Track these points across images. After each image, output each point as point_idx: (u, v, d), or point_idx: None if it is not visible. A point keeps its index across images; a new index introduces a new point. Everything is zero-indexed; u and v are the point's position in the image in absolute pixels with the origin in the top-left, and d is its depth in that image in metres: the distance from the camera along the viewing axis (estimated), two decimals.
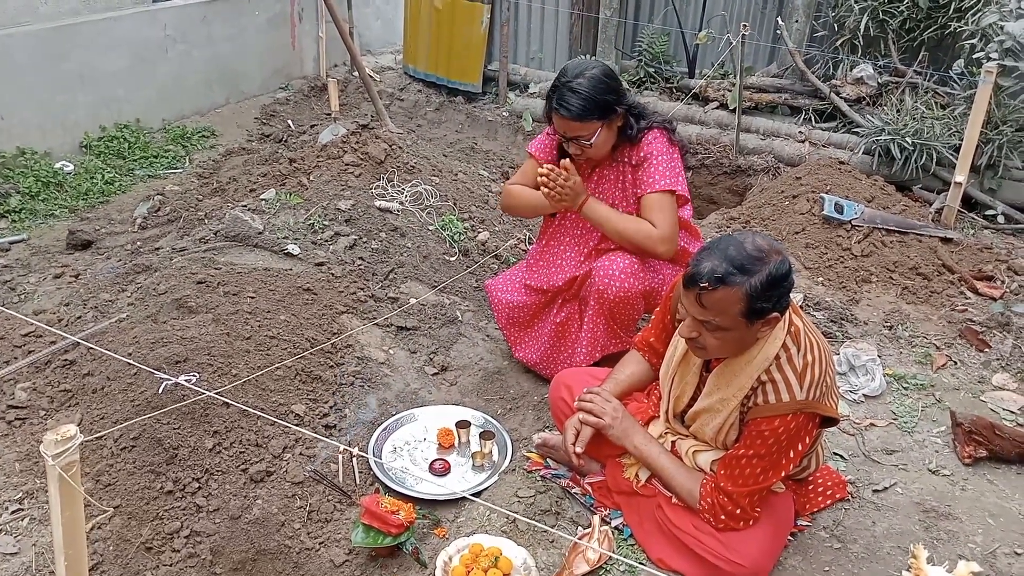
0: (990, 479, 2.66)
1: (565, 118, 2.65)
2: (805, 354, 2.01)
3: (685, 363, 2.19)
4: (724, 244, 1.91)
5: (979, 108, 4.13)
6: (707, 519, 2.13)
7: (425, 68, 7.04)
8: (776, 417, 1.98)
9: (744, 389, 2.03)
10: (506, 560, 2.21)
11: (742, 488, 2.06)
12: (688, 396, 2.21)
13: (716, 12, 5.92)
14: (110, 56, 5.55)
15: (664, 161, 2.75)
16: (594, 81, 2.64)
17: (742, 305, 1.87)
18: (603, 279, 2.75)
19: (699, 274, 1.88)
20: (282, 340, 2.92)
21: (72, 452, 1.40)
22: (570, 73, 2.68)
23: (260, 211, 3.75)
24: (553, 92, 2.69)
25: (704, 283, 1.87)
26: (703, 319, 1.92)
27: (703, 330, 1.95)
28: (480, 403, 3.05)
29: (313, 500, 2.50)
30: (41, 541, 2.32)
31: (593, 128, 2.67)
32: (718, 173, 5.42)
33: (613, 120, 2.71)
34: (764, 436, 2.00)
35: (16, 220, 4.57)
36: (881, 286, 3.79)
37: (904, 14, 4.96)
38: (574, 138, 2.70)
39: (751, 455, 2.03)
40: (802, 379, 1.98)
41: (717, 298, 1.87)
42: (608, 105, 2.66)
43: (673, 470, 2.19)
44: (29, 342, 3.07)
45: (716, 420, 2.11)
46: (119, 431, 2.46)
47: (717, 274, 1.86)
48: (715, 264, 1.87)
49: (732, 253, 1.88)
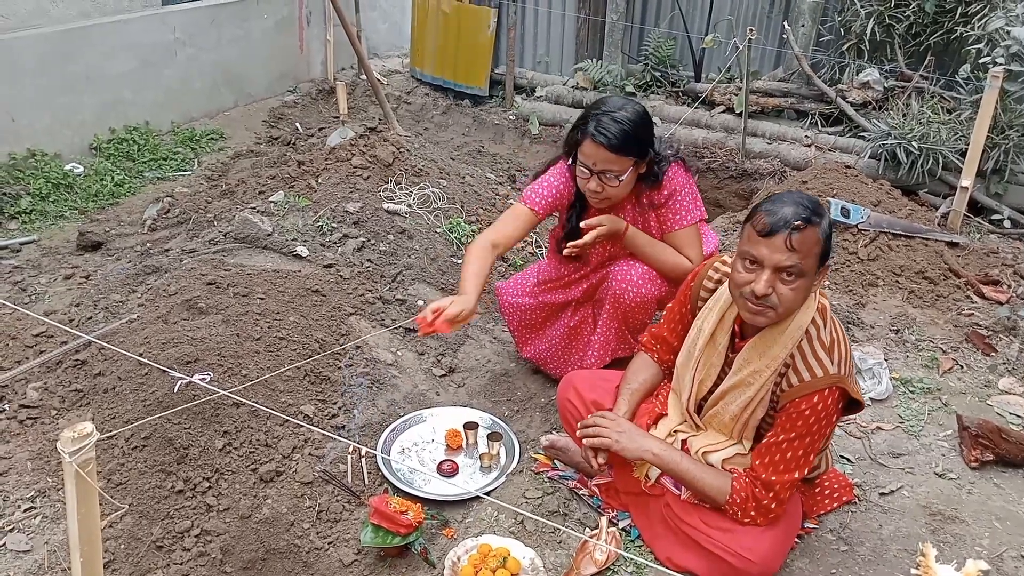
0: (997, 483, 2.66)
1: (602, 146, 2.52)
2: (831, 330, 2.06)
3: (711, 345, 2.21)
4: (784, 197, 1.97)
5: (985, 113, 4.13)
6: (733, 513, 2.13)
7: (432, 71, 7.06)
8: (815, 393, 2.01)
9: (778, 360, 2.05)
10: (514, 560, 2.22)
11: (784, 476, 2.07)
12: (712, 379, 2.22)
13: (722, 16, 5.94)
14: (119, 59, 5.59)
15: (687, 195, 2.75)
16: (637, 116, 2.57)
17: (820, 246, 1.94)
18: (621, 283, 2.75)
19: (785, 218, 1.90)
20: (291, 341, 2.94)
21: (88, 449, 1.41)
22: (611, 104, 2.59)
23: (269, 213, 3.77)
24: (589, 119, 2.57)
25: (797, 222, 1.90)
26: (789, 264, 1.93)
27: (778, 282, 1.96)
28: (488, 405, 3.06)
29: (322, 500, 2.51)
30: (53, 539, 2.35)
31: (625, 165, 2.58)
32: (724, 177, 5.44)
33: (642, 163, 2.64)
34: (804, 415, 2.02)
35: (27, 221, 4.60)
36: (887, 290, 3.79)
37: (910, 19, 4.97)
38: (602, 172, 2.58)
39: (792, 437, 2.05)
40: (831, 354, 2.03)
41: (805, 237, 1.91)
42: (644, 144, 2.59)
43: (698, 470, 2.19)
44: (41, 342, 3.10)
45: (745, 395, 2.11)
46: (130, 430, 2.48)
47: (804, 215, 1.90)
48: (795, 208, 1.91)
49: (800, 199, 1.95)
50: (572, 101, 6.32)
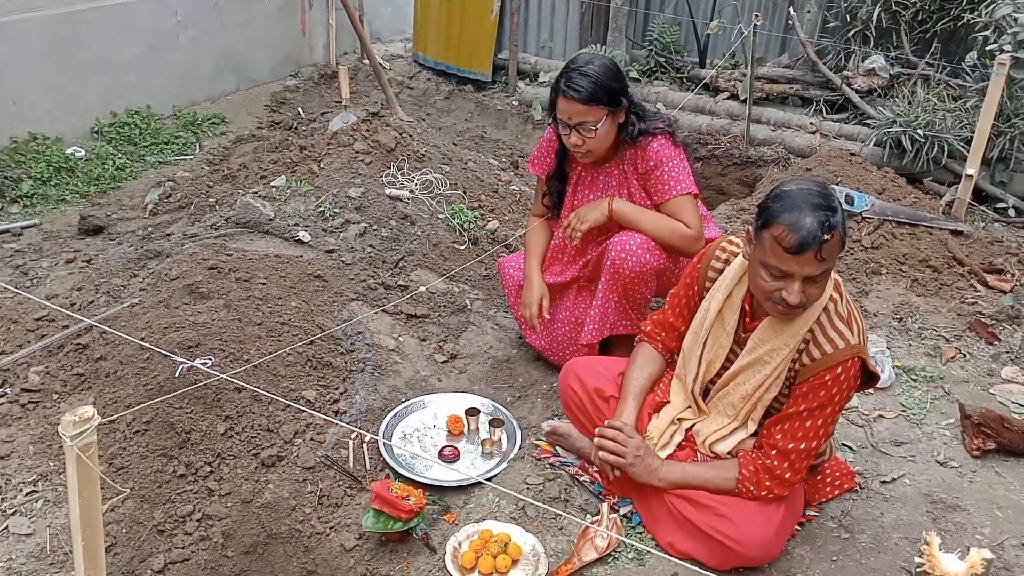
0: (998, 471, 2.66)
1: (573, 99, 2.63)
2: (847, 303, 2.08)
3: (719, 323, 2.20)
4: (798, 198, 1.91)
5: (991, 100, 4.10)
6: (747, 491, 2.13)
7: (435, 56, 7.02)
8: (838, 365, 2.02)
9: (797, 336, 2.05)
10: (515, 546, 2.23)
11: (801, 444, 2.07)
12: (720, 361, 2.22)
13: (728, 2, 5.89)
14: (122, 42, 5.56)
15: (676, 165, 2.76)
16: (604, 68, 2.66)
17: (840, 247, 1.95)
18: (619, 253, 2.72)
19: (813, 232, 1.86)
20: (293, 326, 2.94)
21: (90, 433, 1.41)
22: (580, 60, 2.70)
23: (271, 198, 3.76)
24: (561, 77, 2.69)
25: (826, 236, 1.87)
26: (818, 272, 1.92)
27: (807, 286, 1.95)
28: (489, 391, 3.06)
29: (324, 485, 2.52)
30: (55, 523, 2.35)
31: (599, 115, 2.66)
32: (728, 164, 5.40)
33: (617, 112, 2.71)
34: (828, 386, 2.03)
35: (28, 205, 4.59)
36: (891, 278, 3.78)
37: (917, 5, 4.93)
38: (577, 125, 2.67)
39: (813, 407, 2.05)
40: (850, 325, 2.04)
41: (834, 243, 1.91)
42: (615, 93, 2.67)
43: (705, 474, 2.20)
44: (42, 326, 3.10)
45: (761, 373, 2.12)
46: (132, 415, 2.48)
47: (827, 223, 1.88)
48: (816, 216, 1.87)
49: (814, 198, 1.90)
50: None
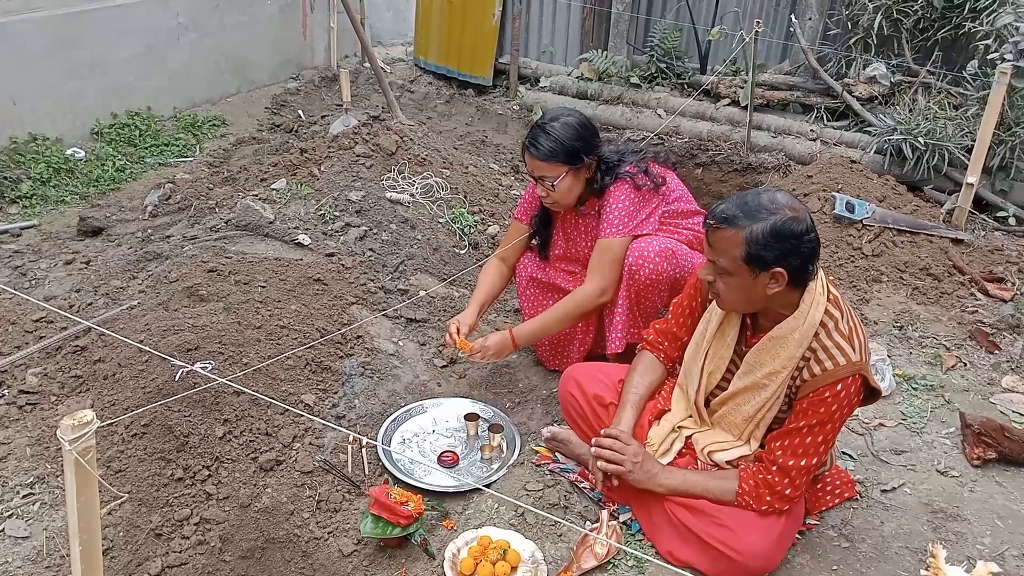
0: (999, 481, 2.66)
1: (534, 157, 2.74)
2: (848, 319, 2.06)
3: (720, 336, 2.21)
4: (747, 194, 2.02)
5: (992, 109, 4.11)
6: (747, 504, 2.12)
7: (436, 60, 7.03)
8: (838, 381, 2.01)
9: (794, 359, 2.05)
10: (514, 553, 2.22)
11: (801, 461, 2.07)
12: (721, 372, 2.22)
13: (729, 8, 5.90)
14: (122, 43, 5.56)
15: (616, 208, 2.78)
16: (567, 128, 2.72)
17: (742, 249, 1.95)
18: (637, 259, 2.73)
19: (711, 213, 2.02)
20: (292, 330, 2.92)
21: (88, 437, 1.40)
22: (547, 116, 2.78)
23: (271, 201, 3.76)
24: (529, 132, 2.79)
25: (711, 220, 2.00)
26: (711, 259, 2.03)
27: (716, 274, 2.04)
28: (489, 396, 3.05)
29: (322, 490, 2.51)
30: (52, 526, 2.34)
31: (557, 171, 2.73)
32: (728, 170, 5.41)
33: (580, 169, 2.76)
34: (827, 402, 2.02)
35: (27, 206, 4.58)
36: (891, 286, 3.78)
37: (918, 13, 4.94)
38: (540, 178, 2.78)
39: (813, 424, 2.05)
40: (851, 342, 2.03)
41: (720, 237, 1.98)
42: (575, 152, 2.72)
43: (706, 483, 2.19)
44: (40, 327, 3.08)
45: (760, 397, 2.12)
46: (130, 418, 2.47)
47: (725, 215, 1.97)
48: (728, 207, 1.98)
49: (747, 200, 1.99)
50: (576, 92, 6.28)
